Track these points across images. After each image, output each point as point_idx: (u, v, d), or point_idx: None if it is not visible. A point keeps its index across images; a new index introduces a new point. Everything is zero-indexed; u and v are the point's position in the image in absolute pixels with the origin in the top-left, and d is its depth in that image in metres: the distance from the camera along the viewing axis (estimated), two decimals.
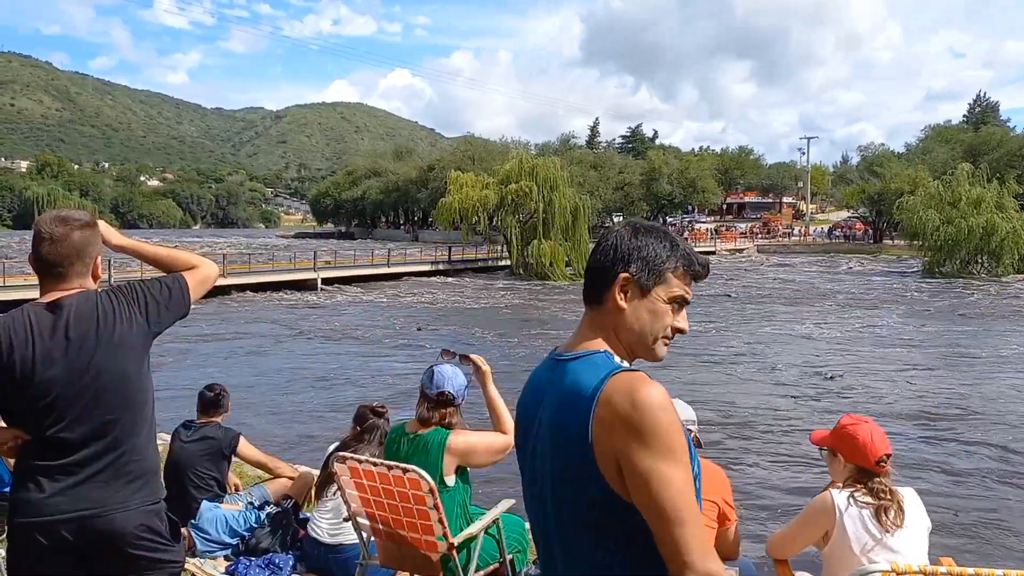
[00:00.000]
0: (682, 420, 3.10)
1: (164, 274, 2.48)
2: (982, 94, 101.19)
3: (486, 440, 3.47)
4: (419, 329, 19.97)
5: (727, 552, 3.11)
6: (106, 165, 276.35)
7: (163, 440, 5.82)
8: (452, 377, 3.46)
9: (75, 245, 2.28)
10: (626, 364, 1.55)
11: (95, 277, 2.35)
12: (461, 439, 3.40)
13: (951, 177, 44.51)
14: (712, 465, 3.07)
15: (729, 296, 30.82)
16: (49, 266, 2.27)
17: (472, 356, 3.56)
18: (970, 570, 2.25)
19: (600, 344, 1.58)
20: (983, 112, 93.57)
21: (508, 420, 3.50)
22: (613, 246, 1.60)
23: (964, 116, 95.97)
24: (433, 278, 40.10)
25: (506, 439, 3.45)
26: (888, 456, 2.80)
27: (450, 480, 3.39)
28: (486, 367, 3.53)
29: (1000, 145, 68.45)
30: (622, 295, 1.57)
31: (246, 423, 9.75)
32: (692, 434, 3.15)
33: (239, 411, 8.59)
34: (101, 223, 2.41)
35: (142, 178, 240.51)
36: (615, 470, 1.45)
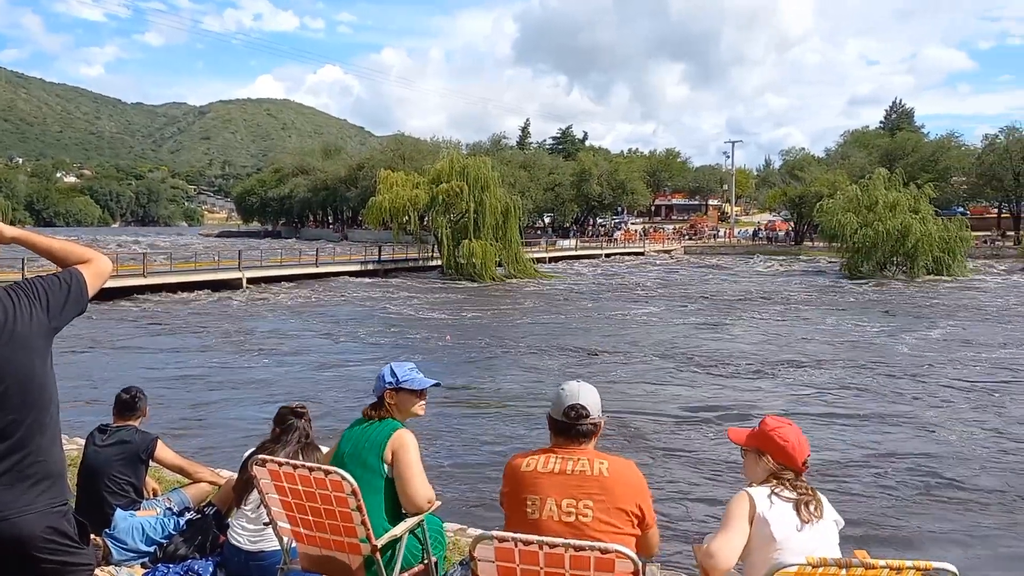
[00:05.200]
0: (588, 404, 2.95)
1: (60, 270, 2.43)
2: (898, 101, 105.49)
3: (418, 467, 3.43)
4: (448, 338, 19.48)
5: (649, 552, 3.04)
6: (20, 160, 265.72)
7: (77, 444, 5.63)
8: (386, 375, 3.54)
9: None
10: None
11: None
12: (406, 435, 3.42)
13: (868, 181, 46.16)
14: (626, 465, 2.89)
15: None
16: None
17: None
18: (882, 562, 2.32)
19: None
20: (899, 118, 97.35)
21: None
22: None
23: (881, 122, 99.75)
24: (363, 278, 39.68)
25: (429, 493, 3.43)
26: (808, 456, 2.90)
27: (389, 472, 3.39)
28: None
29: (914, 150, 71.71)
30: None
31: (165, 427, 9.50)
32: (600, 423, 2.96)
33: (159, 415, 8.37)
34: None
35: (58, 174, 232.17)
36: None
